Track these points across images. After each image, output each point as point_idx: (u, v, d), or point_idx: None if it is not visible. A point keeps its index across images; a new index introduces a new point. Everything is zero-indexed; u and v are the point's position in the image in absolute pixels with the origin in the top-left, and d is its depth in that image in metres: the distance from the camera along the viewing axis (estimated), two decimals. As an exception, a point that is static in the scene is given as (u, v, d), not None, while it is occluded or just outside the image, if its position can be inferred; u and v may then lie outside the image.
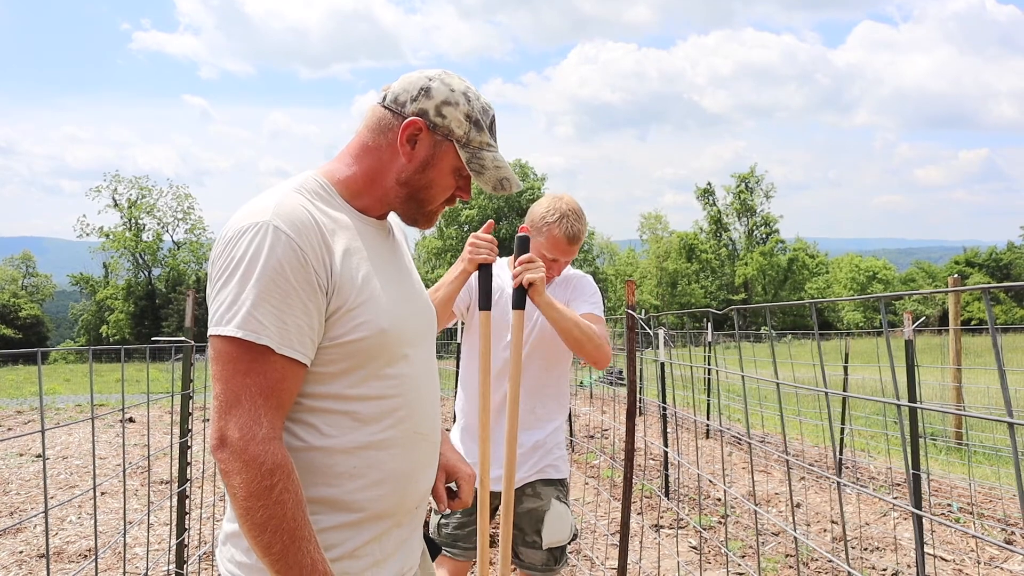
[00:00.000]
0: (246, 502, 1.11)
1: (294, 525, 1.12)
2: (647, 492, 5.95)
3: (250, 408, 1.13)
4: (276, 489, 1.11)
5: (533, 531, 2.41)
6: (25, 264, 56.12)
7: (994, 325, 1.17)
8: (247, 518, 1.11)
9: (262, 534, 1.11)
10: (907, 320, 3.97)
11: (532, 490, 2.42)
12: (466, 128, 1.32)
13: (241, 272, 1.15)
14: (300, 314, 1.17)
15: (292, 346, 1.16)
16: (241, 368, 1.13)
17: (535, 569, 2.44)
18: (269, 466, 1.11)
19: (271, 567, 1.13)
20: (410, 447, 1.32)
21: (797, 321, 48.26)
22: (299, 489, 1.14)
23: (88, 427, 9.36)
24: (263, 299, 1.14)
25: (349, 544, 1.26)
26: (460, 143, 1.33)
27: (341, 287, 1.22)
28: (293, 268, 1.16)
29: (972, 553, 4.50)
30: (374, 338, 1.24)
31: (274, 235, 1.16)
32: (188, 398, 3.12)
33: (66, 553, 4.54)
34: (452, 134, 1.32)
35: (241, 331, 1.13)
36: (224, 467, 1.13)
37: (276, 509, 1.10)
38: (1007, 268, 56.11)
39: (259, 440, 1.11)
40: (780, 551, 4.59)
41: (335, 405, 1.24)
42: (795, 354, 14.51)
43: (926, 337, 20.46)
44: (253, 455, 1.11)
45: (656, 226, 60.87)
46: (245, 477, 1.10)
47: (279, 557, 1.11)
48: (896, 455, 6.95)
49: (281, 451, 1.14)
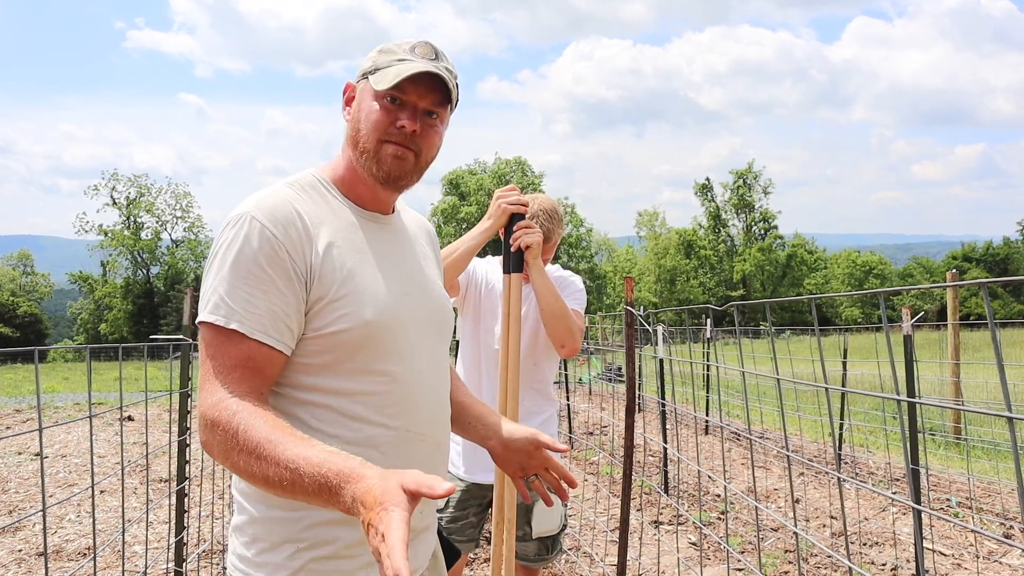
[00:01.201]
0: (226, 460, 1.11)
1: (260, 437, 1.06)
2: (646, 488, 5.96)
3: (212, 383, 1.15)
4: (233, 425, 1.08)
5: (523, 522, 2.43)
6: (23, 263, 56.07)
7: (993, 320, 1.17)
8: (237, 471, 1.10)
9: (251, 474, 1.07)
10: (906, 315, 3.97)
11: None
12: (374, 58, 1.32)
13: (218, 261, 1.20)
14: (275, 300, 1.18)
15: (265, 332, 1.17)
16: (212, 351, 1.16)
17: (528, 560, 2.48)
18: (222, 416, 1.10)
19: (282, 493, 1.06)
20: (404, 447, 1.29)
21: (795, 317, 48.30)
22: (261, 415, 1.09)
23: (86, 425, 9.36)
24: (235, 286, 1.17)
25: (342, 541, 1.24)
26: (371, 72, 1.30)
27: (322, 277, 1.22)
28: (268, 256, 1.18)
29: (971, 547, 4.50)
30: (357, 330, 1.23)
31: (250, 225, 1.19)
32: (187, 396, 3.11)
33: (65, 552, 4.54)
34: (365, 71, 1.32)
35: (212, 316, 1.16)
36: (202, 441, 1.15)
37: (243, 441, 1.07)
38: (1004, 263, 56.22)
39: (211, 404, 1.13)
40: (780, 547, 4.59)
41: (322, 398, 1.24)
42: (793, 350, 14.53)
43: (925, 332, 20.47)
44: (210, 418, 1.12)
45: (652, 223, 60.91)
46: (213, 440, 1.12)
47: (274, 479, 1.04)
48: (895, 450, 6.96)
49: (231, 403, 1.11)
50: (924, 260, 65.85)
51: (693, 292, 55.15)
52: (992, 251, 57.59)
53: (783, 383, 1.77)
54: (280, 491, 1.05)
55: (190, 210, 50.49)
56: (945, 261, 60.61)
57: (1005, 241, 59.02)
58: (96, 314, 48.51)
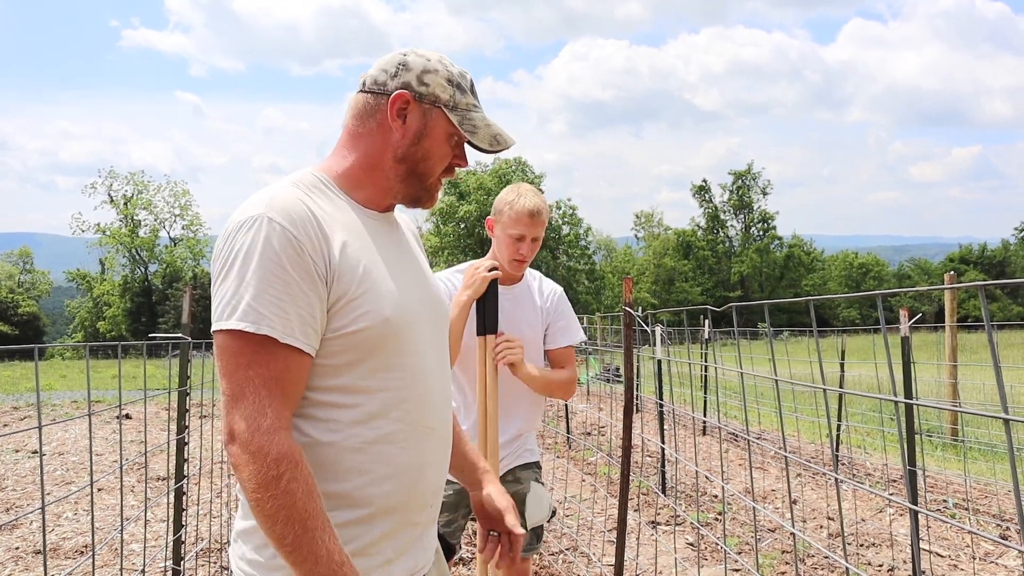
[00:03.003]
0: (255, 493, 1.11)
1: (305, 515, 1.11)
2: (644, 489, 5.96)
3: (254, 400, 1.13)
4: (284, 479, 1.11)
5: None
6: (22, 260, 55.96)
7: (990, 322, 1.17)
8: (258, 510, 1.12)
9: (274, 525, 1.11)
10: (903, 317, 3.98)
11: (512, 476, 2.51)
12: (451, 92, 1.33)
13: (239, 266, 1.16)
14: (301, 303, 1.17)
15: (294, 335, 1.16)
16: (244, 361, 1.14)
17: (527, 550, 2.53)
18: (274, 456, 1.11)
19: (286, 558, 1.13)
20: (418, 441, 1.30)
21: (793, 318, 48.32)
22: (309, 478, 1.14)
23: (84, 423, 9.35)
24: (262, 290, 1.15)
25: (360, 541, 1.25)
26: (448, 107, 1.33)
27: (341, 276, 1.22)
28: (290, 258, 1.16)
29: (967, 549, 4.52)
30: (378, 328, 1.24)
31: (269, 227, 1.17)
32: (185, 395, 3.12)
33: (62, 550, 4.53)
34: (439, 100, 1.32)
35: (242, 323, 1.14)
36: (233, 460, 1.14)
37: (285, 499, 1.10)
38: (1001, 265, 56.30)
39: (263, 431, 1.12)
40: (777, 547, 4.60)
41: (341, 399, 1.24)
42: (791, 351, 14.53)
43: (922, 334, 20.49)
44: (258, 446, 1.11)
45: (650, 223, 60.93)
46: (252, 469, 1.11)
47: (293, 548, 1.11)
48: (892, 451, 6.97)
49: (287, 441, 1.14)
50: (922, 261, 65.96)
51: (691, 293, 55.16)
52: (989, 254, 57.66)
53: (781, 384, 1.78)
54: (288, 552, 1.12)
55: (188, 208, 50.40)
56: (942, 263, 60.69)
57: (1003, 244, 59.11)
58: (94, 312, 48.41)
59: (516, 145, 1.42)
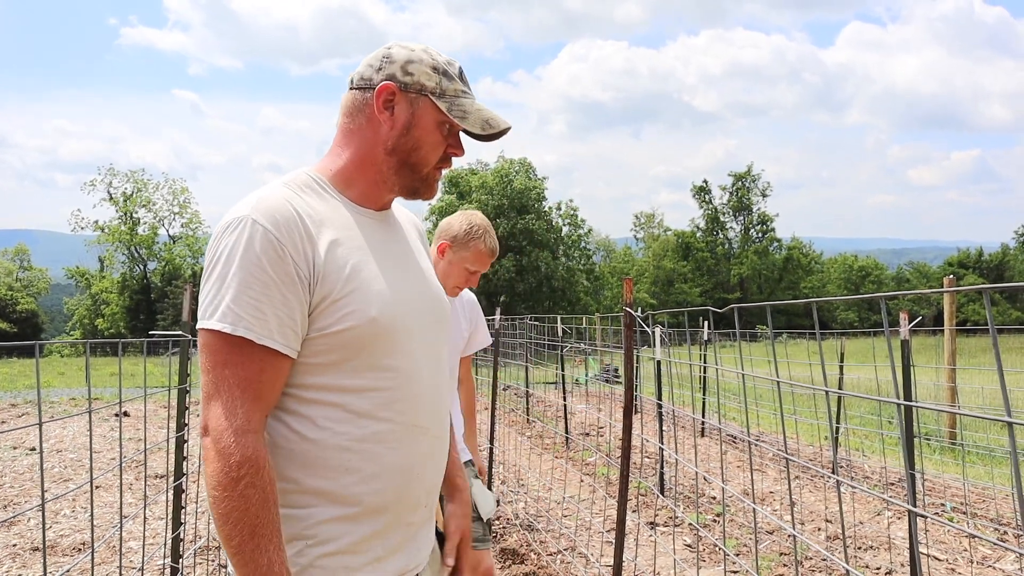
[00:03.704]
0: (213, 491, 1.14)
1: (256, 521, 1.13)
2: (643, 490, 5.96)
3: (228, 399, 1.16)
4: (241, 483, 1.13)
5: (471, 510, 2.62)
6: (20, 257, 55.87)
7: (993, 326, 1.17)
8: (214, 507, 1.15)
9: (224, 524, 1.14)
10: (903, 320, 3.98)
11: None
12: (436, 79, 1.33)
13: (221, 266, 1.19)
14: (280, 305, 1.18)
15: (272, 336, 1.18)
16: (220, 360, 1.17)
17: (483, 542, 2.60)
18: (238, 459, 1.13)
19: (231, 559, 1.15)
20: (409, 441, 1.30)
21: (792, 320, 48.35)
22: (268, 486, 1.15)
23: (83, 420, 9.34)
24: (241, 292, 1.17)
25: (348, 538, 1.25)
26: (435, 94, 1.33)
27: (326, 277, 1.22)
28: (271, 260, 1.18)
29: (965, 552, 4.52)
30: (363, 327, 1.24)
31: (251, 229, 1.19)
32: (185, 392, 3.11)
33: (60, 547, 4.53)
34: (425, 88, 1.33)
35: (220, 323, 1.17)
36: (204, 453, 1.17)
37: (239, 502, 1.13)
38: (999, 269, 56.32)
39: (231, 431, 1.14)
40: (775, 549, 4.60)
41: (329, 397, 1.24)
42: (790, 353, 14.55)
43: (921, 337, 20.51)
44: (224, 446, 1.14)
45: (651, 224, 60.92)
46: (216, 467, 1.14)
47: (236, 551, 1.13)
48: (891, 454, 6.98)
49: (254, 444, 1.15)
50: (920, 265, 65.92)
51: (690, 294, 55.18)
52: (987, 258, 57.67)
53: (781, 386, 1.78)
54: (232, 554, 1.14)
55: (187, 206, 50.34)
56: (941, 267, 60.69)
57: (1002, 248, 59.12)
58: (93, 309, 48.35)
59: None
